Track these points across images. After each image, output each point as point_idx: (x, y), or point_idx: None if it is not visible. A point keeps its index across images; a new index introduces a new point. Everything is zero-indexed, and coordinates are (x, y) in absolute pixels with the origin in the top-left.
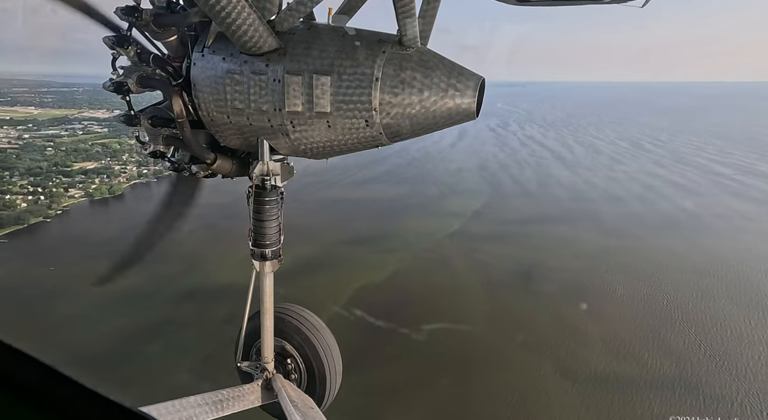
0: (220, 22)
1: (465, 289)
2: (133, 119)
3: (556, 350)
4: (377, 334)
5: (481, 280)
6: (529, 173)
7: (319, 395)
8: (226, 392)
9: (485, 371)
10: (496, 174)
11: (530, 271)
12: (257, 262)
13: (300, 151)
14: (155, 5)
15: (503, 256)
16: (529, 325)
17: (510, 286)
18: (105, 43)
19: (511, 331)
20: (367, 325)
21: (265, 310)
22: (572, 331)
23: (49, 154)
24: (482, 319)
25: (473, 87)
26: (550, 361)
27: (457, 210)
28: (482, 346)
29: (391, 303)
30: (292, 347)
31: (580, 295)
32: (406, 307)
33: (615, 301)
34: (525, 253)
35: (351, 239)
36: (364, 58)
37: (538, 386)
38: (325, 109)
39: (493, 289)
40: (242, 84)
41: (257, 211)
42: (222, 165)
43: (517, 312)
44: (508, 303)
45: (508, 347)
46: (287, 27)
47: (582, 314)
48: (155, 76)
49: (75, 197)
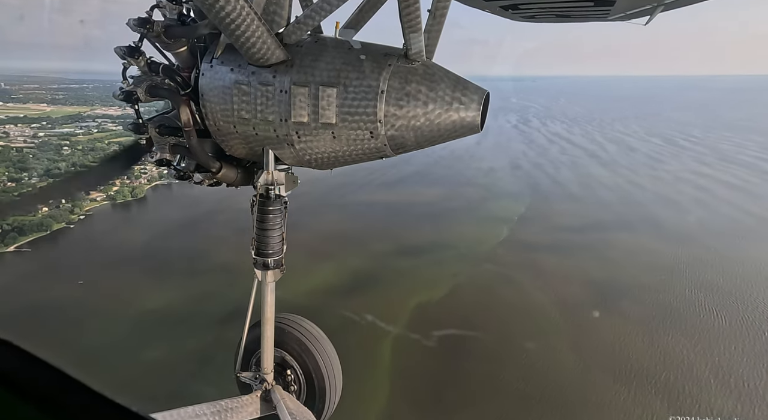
0: (229, 34)
1: (537, 310)
2: (141, 127)
3: (663, 387)
4: (447, 362)
5: (552, 298)
6: (567, 173)
7: (318, 408)
8: (224, 403)
9: (588, 414)
10: (532, 174)
11: (605, 288)
12: (259, 271)
13: (304, 161)
14: (166, 17)
15: (569, 270)
16: (623, 356)
17: (587, 306)
18: (116, 53)
19: (604, 363)
20: (435, 351)
21: (266, 320)
22: (674, 363)
23: (66, 153)
24: (567, 347)
25: (478, 100)
26: (660, 400)
27: (501, 214)
28: (576, 382)
29: (456, 324)
30: (292, 358)
31: (670, 318)
32: (475, 330)
33: (712, 325)
34: (592, 266)
35: (399, 249)
36: (370, 71)
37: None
38: (331, 120)
39: (569, 309)
40: (249, 94)
41: (261, 220)
42: (227, 174)
43: (604, 339)
44: (590, 327)
45: (605, 384)
46: (295, 40)
47: (678, 341)
48: (164, 86)
49: (97, 200)
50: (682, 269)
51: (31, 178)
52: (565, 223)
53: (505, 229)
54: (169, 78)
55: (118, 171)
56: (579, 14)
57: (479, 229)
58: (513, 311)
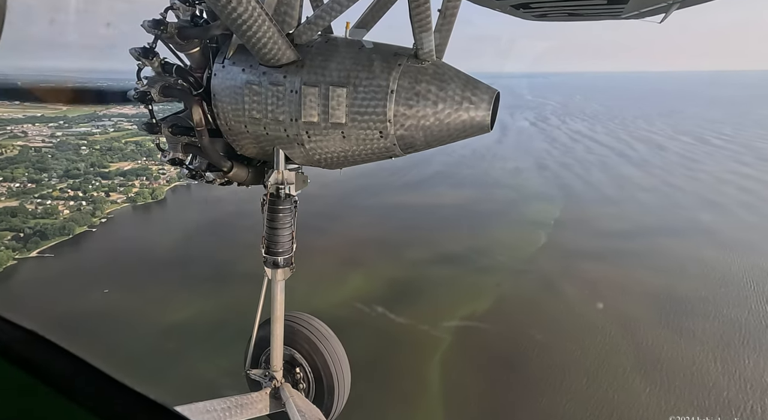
0: (241, 34)
1: (592, 326)
2: (154, 127)
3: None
4: (502, 387)
5: (607, 312)
6: (598, 174)
7: (326, 406)
8: (234, 399)
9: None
10: (560, 175)
11: (663, 302)
12: (269, 269)
13: (314, 160)
14: (180, 19)
15: (619, 280)
16: (699, 382)
17: (647, 322)
18: (131, 54)
19: (680, 392)
20: (486, 372)
21: (276, 318)
22: (758, 392)
23: (84, 153)
24: (633, 371)
25: (488, 100)
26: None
27: (536, 218)
28: (653, 414)
29: (506, 342)
30: (302, 356)
31: (744, 337)
32: (528, 349)
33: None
34: (643, 276)
35: (435, 256)
36: (380, 71)
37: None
38: (341, 120)
39: (627, 325)
40: (260, 94)
41: (271, 219)
42: (238, 173)
43: (673, 362)
44: (655, 347)
45: (688, 414)
46: (305, 40)
47: (758, 365)
48: (177, 86)
49: (118, 202)
50: (745, 280)
51: (51, 178)
52: (606, 227)
53: (543, 234)
54: (181, 78)
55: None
56: (591, 13)
57: (515, 234)
58: (565, 327)
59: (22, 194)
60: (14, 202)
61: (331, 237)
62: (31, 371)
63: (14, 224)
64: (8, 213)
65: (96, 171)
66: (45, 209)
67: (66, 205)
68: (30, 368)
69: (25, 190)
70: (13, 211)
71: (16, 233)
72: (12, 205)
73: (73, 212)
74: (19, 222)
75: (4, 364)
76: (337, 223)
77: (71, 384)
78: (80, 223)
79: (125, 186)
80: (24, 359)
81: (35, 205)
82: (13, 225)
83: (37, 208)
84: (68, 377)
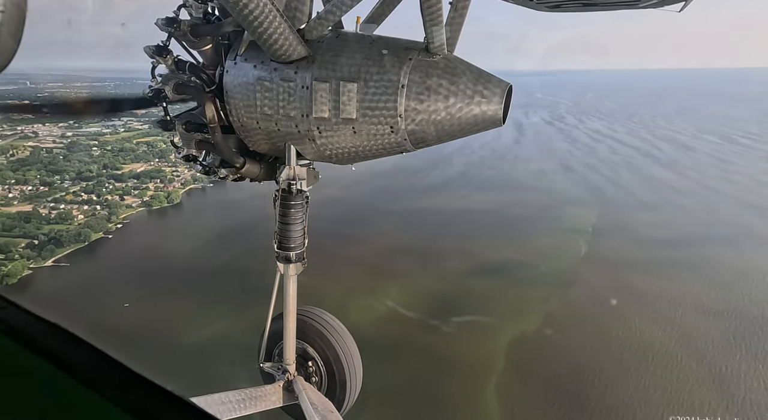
0: (252, 31)
1: (665, 353)
2: (168, 124)
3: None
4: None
5: (673, 334)
6: (627, 176)
7: (338, 399)
8: (249, 391)
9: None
10: (588, 177)
11: (734, 323)
12: (282, 264)
13: (325, 156)
14: (192, 16)
15: (676, 295)
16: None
17: (722, 347)
18: (146, 52)
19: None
20: (549, 403)
21: (288, 312)
22: None
23: (96, 154)
24: (726, 411)
25: (500, 93)
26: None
27: (572, 224)
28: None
29: (566, 369)
30: (314, 350)
31: None
32: (593, 379)
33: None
34: (702, 291)
35: (475, 267)
36: (391, 66)
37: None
38: (351, 115)
39: (702, 351)
40: (272, 91)
41: (283, 215)
42: (250, 169)
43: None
44: (743, 380)
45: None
46: (316, 35)
47: None
48: (190, 84)
49: (133, 207)
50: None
51: (64, 181)
52: (649, 235)
53: (582, 242)
54: (195, 75)
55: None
56: (608, 2)
57: (552, 242)
58: (630, 351)
59: (35, 198)
60: (27, 206)
61: (360, 245)
62: (53, 362)
63: (28, 230)
64: (22, 218)
65: (109, 173)
66: (59, 214)
67: (80, 210)
68: (53, 359)
69: (38, 194)
70: (27, 217)
71: (30, 240)
72: (25, 210)
73: (87, 217)
74: (33, 228)
75: (29, 355)
76: (364, 229)
77: (92, 374)
78: (95, 229)
79: (139, 189)
80: (47, 350)
81: (49, 209)
82: (27, 231)
83: (51, 212)
84: (89, 368)
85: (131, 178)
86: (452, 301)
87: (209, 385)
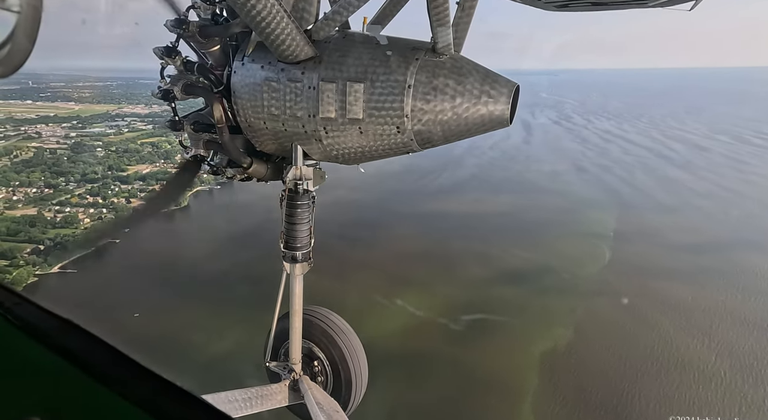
0: (260, 31)
1: (710, 372)
2: (177, 125)
3: None
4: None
5: (718, 351)
6: (643, 177)
7: (344, 399)
8: (255, 390)
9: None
10: (603, 178)
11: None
12: (288, 264)
13: (332, 156)
14: (201, 17)
15: (714, 306)
16: None
17: None
18: (155, 53)
19: None
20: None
21: (294, 312)
22: None
23: (100, 155)
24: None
25: (507, 93)
26: None
27: (592, 229)
28: None
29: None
30: (320, 350)
31: None
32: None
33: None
34: (736, 301)
35: (495, 274)
36: (397, 66)
37: None
38: (358, 115)
39: (748, 369)
40: (279, 91)
41: (289, 215)
42: (257, 169)
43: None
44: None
45: None
46: (323, 36)
47: None
48: (199, 84)
49: None
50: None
51: (69, 183)
52: (674, 240)
53: (605, 247)
54: (203, 76)
55: (184, 184)
56: (616, 1)
57: (574, 247)
58: (671, 368)
59: (39, 201)
60: (32, 209)
61: (374, 250)
62: (66, 357)
63: (33, 235)
64: (27, 222)
65: (114, 175)
66: (64, 218)
67: (86, 213)
68: (65, 354)
69: (42, 197)
70: (32, 221)
71: (35, 246)
72: (30, 213)
73: (93, 221)
74: (38, 232)
75: (42, 350)
76: (377, 233)
77: (103, 370)
78: None
79: (146, 191)
80: (60, 346)
81: (54, 213)
82: (32, 236)
83: (56, 216)
84: (101, 363)
85: (137, 180)
86: (475, 311)
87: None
